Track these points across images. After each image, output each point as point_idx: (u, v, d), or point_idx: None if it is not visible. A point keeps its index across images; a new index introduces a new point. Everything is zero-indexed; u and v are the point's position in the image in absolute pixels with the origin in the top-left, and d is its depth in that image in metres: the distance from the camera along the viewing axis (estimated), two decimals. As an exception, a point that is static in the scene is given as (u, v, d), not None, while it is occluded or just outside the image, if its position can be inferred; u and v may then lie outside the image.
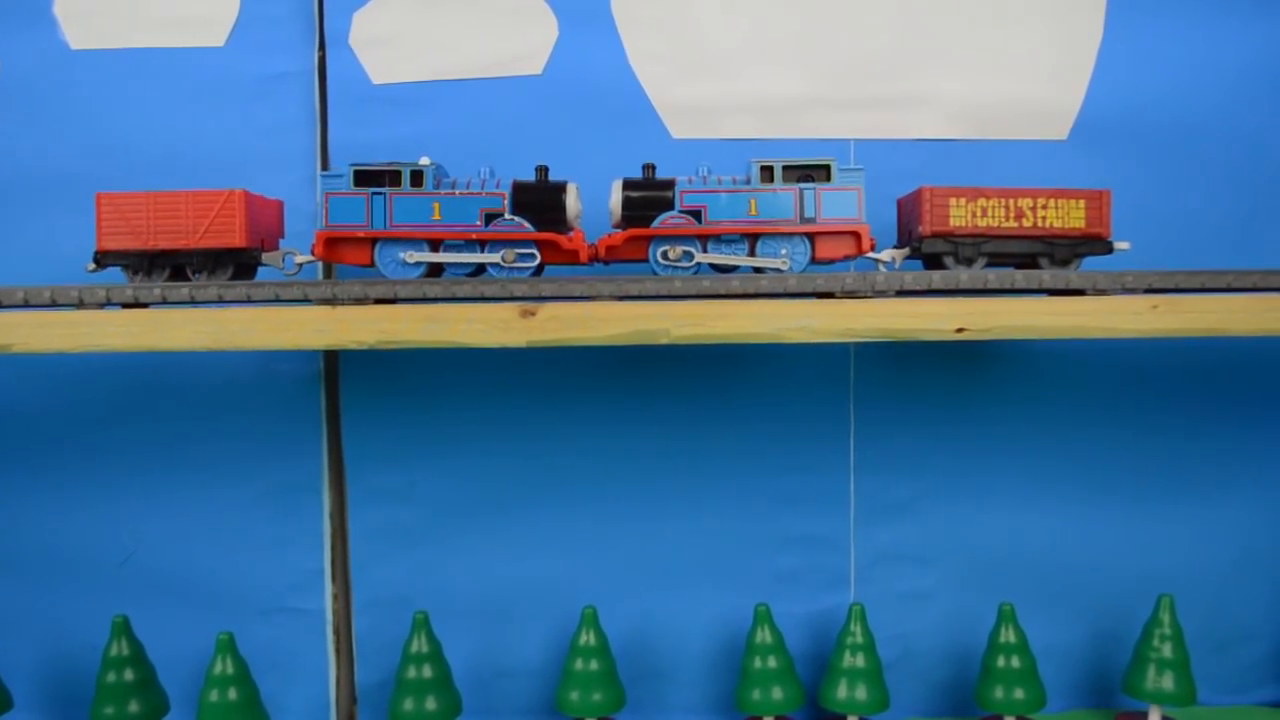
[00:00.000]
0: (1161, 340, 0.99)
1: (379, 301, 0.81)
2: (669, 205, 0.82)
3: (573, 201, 0.83)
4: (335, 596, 0.99)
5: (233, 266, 0.83)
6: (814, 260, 0.82)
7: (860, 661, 0.93)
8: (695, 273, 0.82)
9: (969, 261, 0.84)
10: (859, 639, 0.93)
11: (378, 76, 0.95)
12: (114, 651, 0.90)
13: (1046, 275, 0.81)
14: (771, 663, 0.93)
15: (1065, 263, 0.84)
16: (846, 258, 0.83)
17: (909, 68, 0.97)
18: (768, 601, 0.97)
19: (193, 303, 0.80)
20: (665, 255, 0.82)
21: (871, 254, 0.83)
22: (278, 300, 0.80)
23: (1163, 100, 0.97)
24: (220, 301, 0.80)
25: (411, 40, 0.94)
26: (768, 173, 0.82)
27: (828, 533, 0.99)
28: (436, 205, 0.82)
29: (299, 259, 0.85)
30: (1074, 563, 1.00)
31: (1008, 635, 0.93)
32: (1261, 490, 1.01)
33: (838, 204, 0.82)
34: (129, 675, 0.89)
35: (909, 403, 0.99)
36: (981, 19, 0.97)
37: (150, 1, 0.96)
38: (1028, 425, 0.99)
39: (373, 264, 0.82)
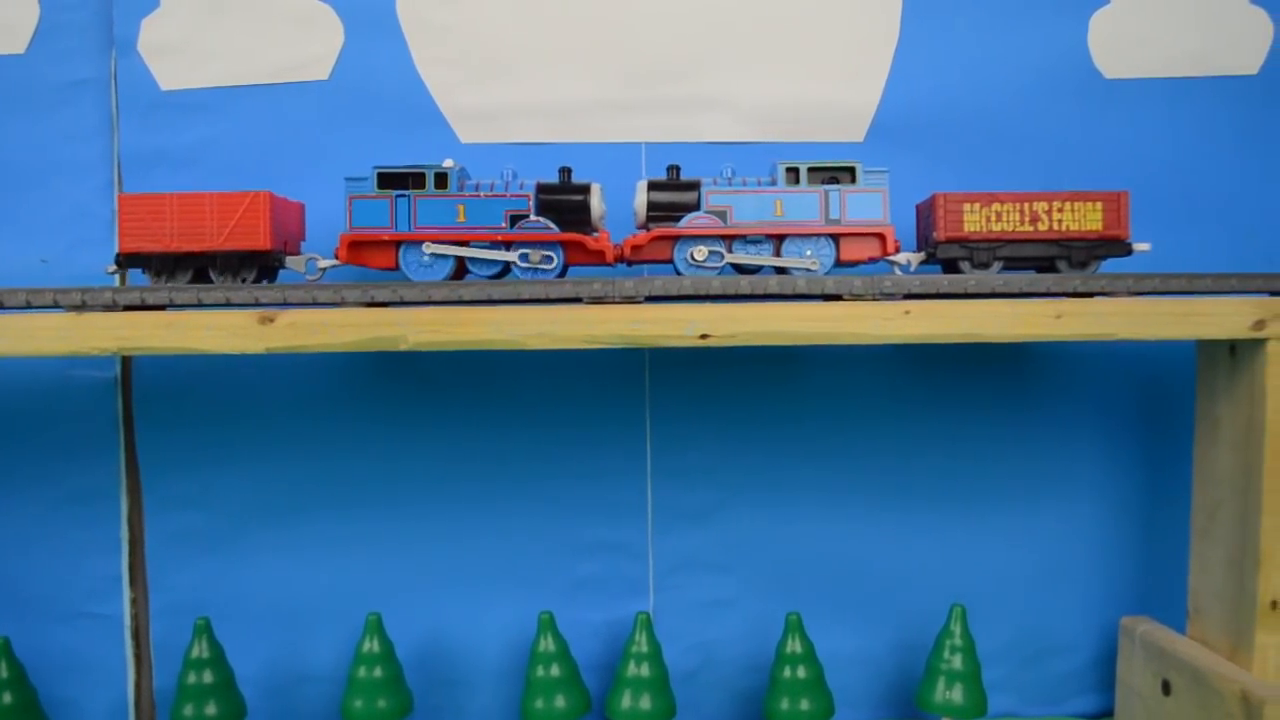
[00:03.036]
0: (968, 348, 0.98)
1: (128, 308, 0.81)
2: (694, 206, 0.83)
3: (597, 203, 0.83)
4: (134, 601, 0.99)
5: (256, 269, 0.83)
6: (839, 262, 0.83)
7: (645, 671, 0.91)
8: (721, 273, 0.83)
9: (984, 266, 0.84)
10: (644, 648, 0.92)
11: (166, 83, 0.95)
12: (-109, 657, 0.90)
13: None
14: (555, 671, 0.91)
15: (1083, 265, 0.84)
16: (871, 259, 0.83)
17: (701, 70, 0.96)
18: (566, 608, 0.97)
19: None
20: (692, 256, 0.82)
21: (891, 257, 0.83)
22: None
23: (961, 100, 0.96)
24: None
25: (199, 46, 0.94)
26: (793, 174, 0.83)
27: (626, 540, 0.98)
28: (461, 207, 0.82)
29: (322, 263, 0.85)
30: (879, 572, 0.99)
31: (794, 645, 0.92)
32: (1071, 499, 0.99)
33: (863, 205, 0.82)
34: (-92, 679, 0.90)
35: (706, 409, 0.97)
36: (775, 21, 0.95)
37: (-49, 10, 0.97)
38: (830, 433, 0.98)
39: (397, 266, 0.82)
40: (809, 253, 0.82)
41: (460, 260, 0.83)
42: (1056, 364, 0.99)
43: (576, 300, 0.80)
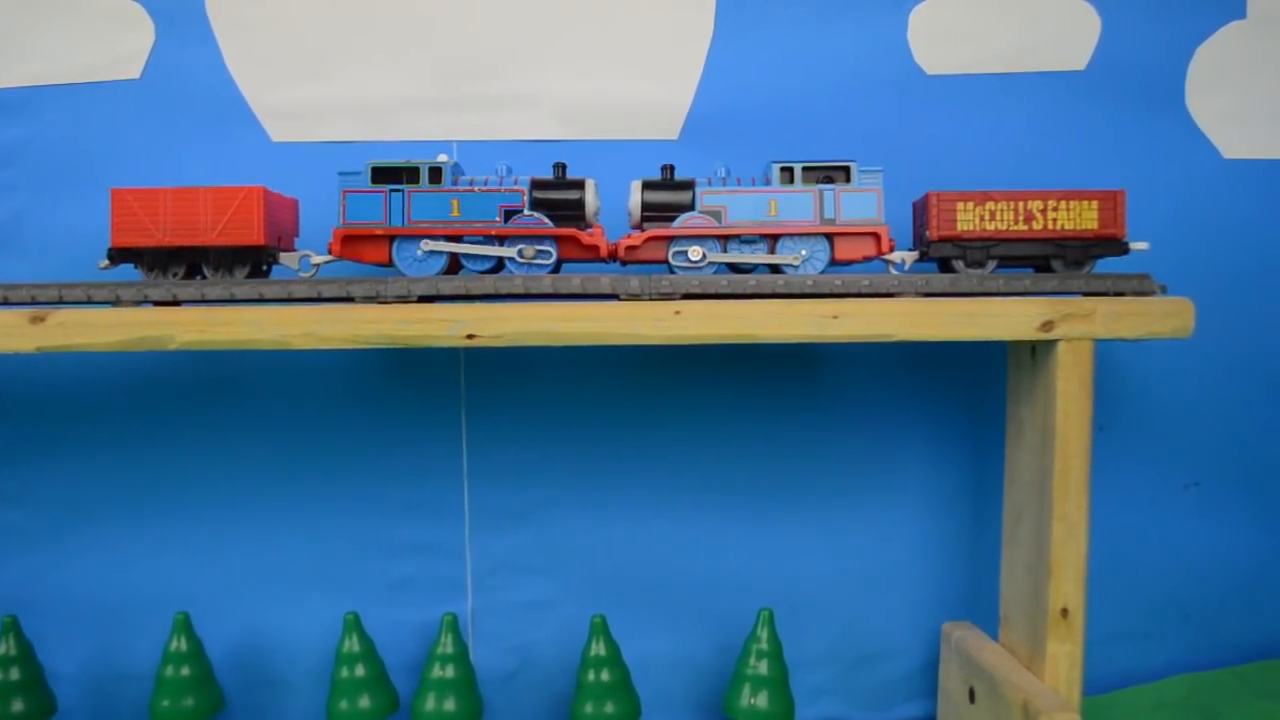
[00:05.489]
0: (782, 349, 0.97)
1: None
2: (689, 206, 0.83)
3: (591, 198, 0.83)
4: (-43, 598, 1.00)
5: (249, 265, 0.82)
6: (834, 261, 0.82)
7: (450, 672, 0.91)
8: (715, 272, 0.82)
9: (978, 265, 0.83)
10: (449, 649, 0.91)
11: (-23, 82, 0.95)
12: None
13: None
14: (360, 671, 0.91)
15: (1079, 264, 0.83)
16: (866, 259, 0.83)
17: (513, 68, 0.95)
18: (383, 609, 0.97)
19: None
20: (686, 255, 0.82)
21: (885, 255, 0.83)
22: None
23: (776, 98, 0.94)
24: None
25: (11, 44, 0.94)
26: (788, 174, 0.83)
27: (442, 540, 0.97)
28: (455, 202, 0.81)
29: (316, 259, 0.84)
30: (700, 573, 0.98)
31: (599, 648, 0.91)
32: (897, 500, 0.98)
33: (857, 205, 0.82)
34: None
35: (524, 408, 0.97)
36: (588, 18, 0.94)
37: None
38: (650, 433, 0.97)
39: (390, 261, 0.82)
40: (804, 252, 0.81)
41: (453, 255, 0.82)
42: (881, 364, 0.97)
43: (349, 300, 0.79)
